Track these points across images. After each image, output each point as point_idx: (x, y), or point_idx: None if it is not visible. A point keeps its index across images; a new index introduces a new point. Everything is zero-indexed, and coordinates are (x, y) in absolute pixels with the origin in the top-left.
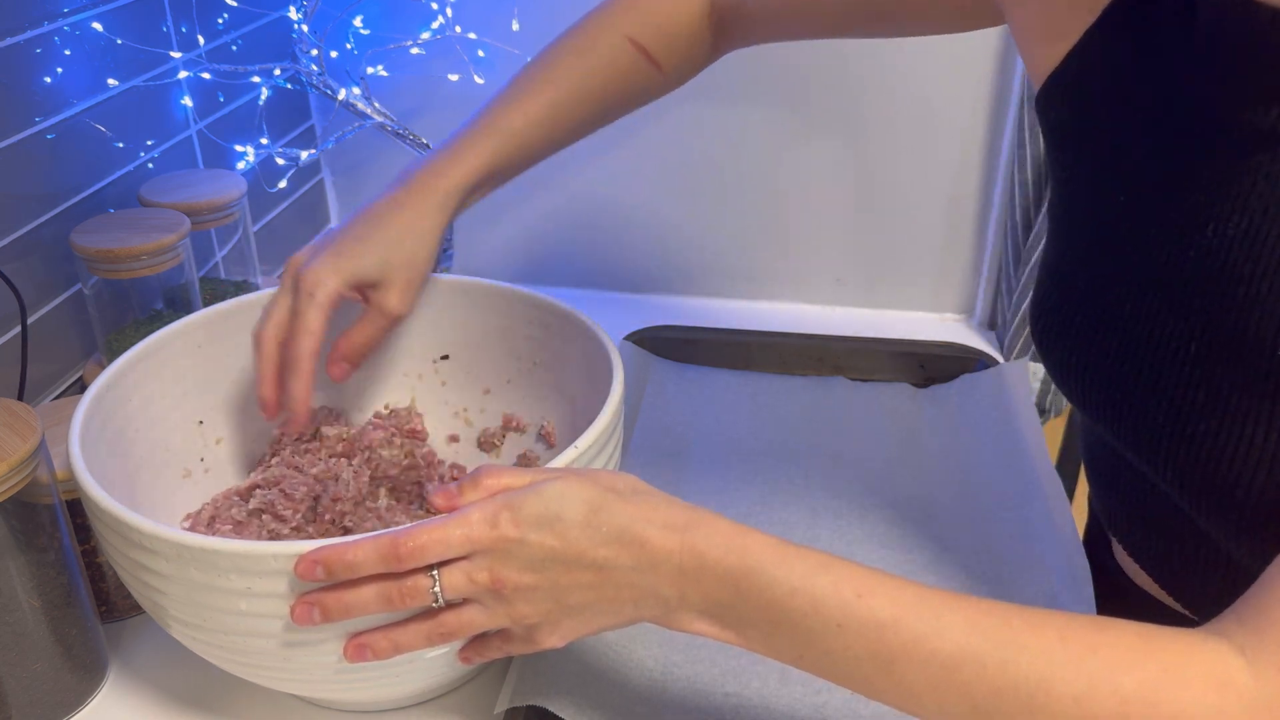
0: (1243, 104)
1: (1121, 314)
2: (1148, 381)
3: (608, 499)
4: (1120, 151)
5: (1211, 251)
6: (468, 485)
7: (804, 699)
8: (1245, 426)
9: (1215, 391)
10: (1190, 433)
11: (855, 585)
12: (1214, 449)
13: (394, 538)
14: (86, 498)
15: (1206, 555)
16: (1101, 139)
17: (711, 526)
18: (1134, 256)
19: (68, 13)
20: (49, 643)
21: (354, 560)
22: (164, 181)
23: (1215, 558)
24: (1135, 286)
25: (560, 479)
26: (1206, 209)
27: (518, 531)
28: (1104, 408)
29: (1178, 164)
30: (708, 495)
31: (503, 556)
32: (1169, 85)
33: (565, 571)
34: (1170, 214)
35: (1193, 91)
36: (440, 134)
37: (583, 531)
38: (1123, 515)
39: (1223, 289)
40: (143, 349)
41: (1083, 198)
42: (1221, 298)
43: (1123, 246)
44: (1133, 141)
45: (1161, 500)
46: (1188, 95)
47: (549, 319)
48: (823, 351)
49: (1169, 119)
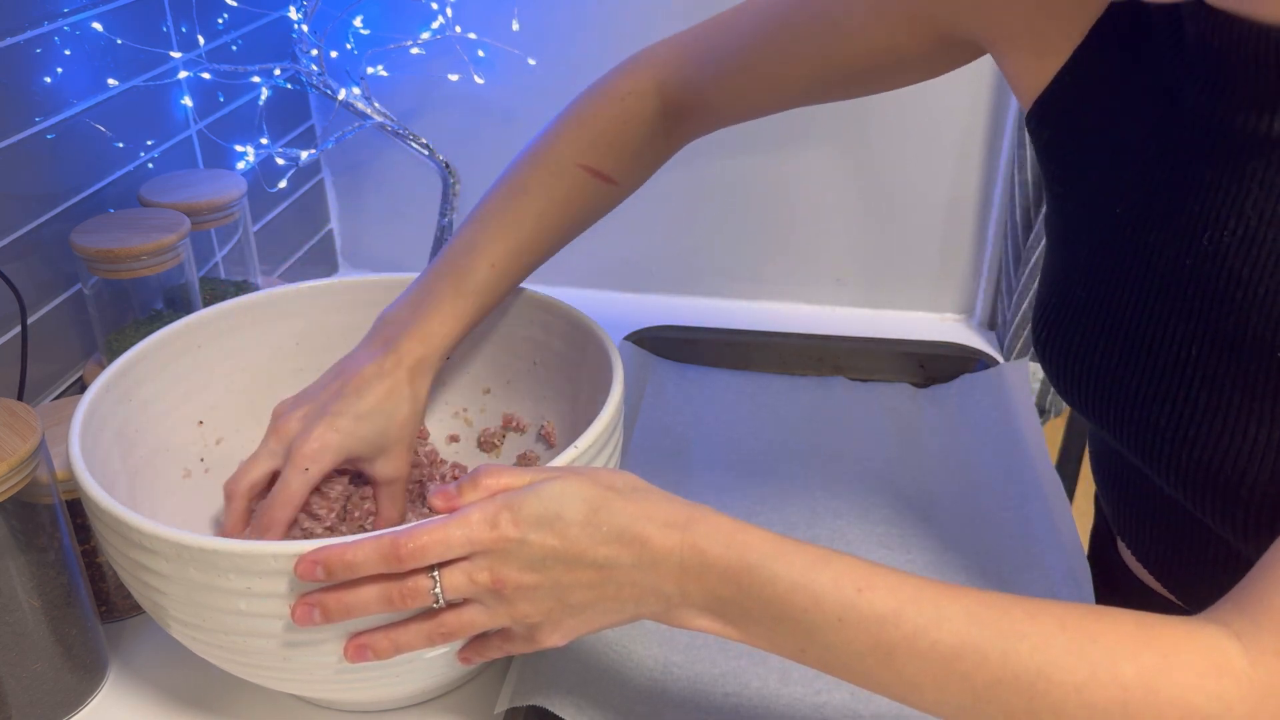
0: (1235, 112)
1: (1122, 321)
2: (1150, 386)
3: (608, 497)
4: (1116, 163)
5: (1209, 257)
6: (467, 486)
7: (804, 699)
8: (1248, 426)
9: (1217, 393)
10: (1193, 435)
11: (855, 579)
12: (1216, 450)
13: (394, 538)
14: (86, 498)
15: (1212, 556)
16: (1097, 152)
17: (712, 523)
18: (1133, 264)
19: (68, 13)
20: (49, 643)
21: (354, 560)
22: (164, 181)
23: (1221, 559)
24: (1135, 294)
25: (559, 478)
26: (1203, 216)
27: (518, 531)
28: (1107, 414)
29: (1174, 173)
30: (708, 495)
31: (503, 556)
32: (1162, 96)
33: (566, 570)
34: (1168, 222)
35: (1185, 101)
36: (440, 134)
37: (583, 530)
38: (1129, 517)
39: (1222, 293)
40: (143, 349)
41: (1080, 211)
42: (1221, 302)
43: (1121, 256)
44: (1128, 153)
45: (1167, 502)
46: (1181, 105)
47: (549, 319)
48: (823, 351)
49: (1163, 129)
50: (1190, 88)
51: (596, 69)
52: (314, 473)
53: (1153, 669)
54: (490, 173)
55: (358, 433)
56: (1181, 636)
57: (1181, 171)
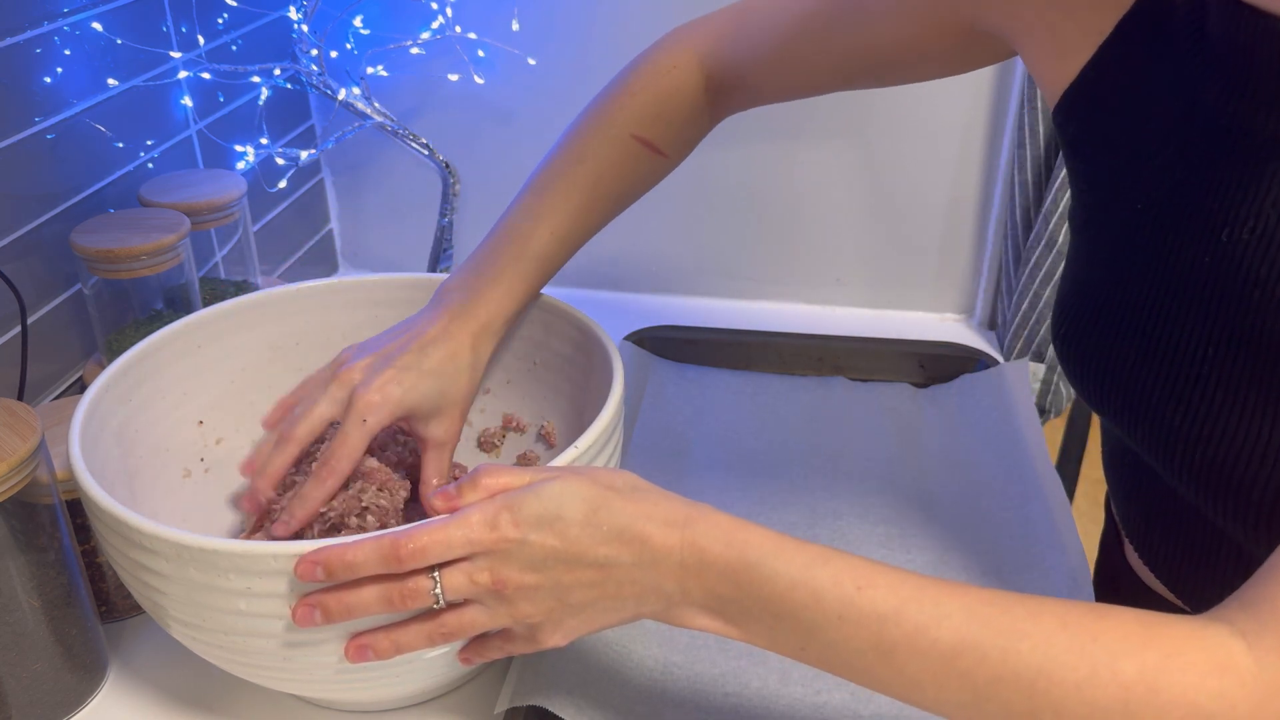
0: (1256, 110)
1: (1140, 319)
2: (1165, 384)
3: (607, 497)
4: (1138, 160)
5: (1227, 255)
6: (467, 486)
7: (804, 699)
8: (1261, 426)
9: (1231, 393)
10: (1207, 434)
11: (855, 577)
12: (1230, 449)
13: (394, 539)
14: (86, 498)
15: (1222, 561)
16: (1120, 149)
17: (711, 521)
18: (1152, 262)
19: (68, 13)
20: (49, 643)
21: (354, 561)
22: (164, 181)
23: (1231, 563)
24: (1154, 291)
25: (559, 478)
26: (1222, 214)
27: (518, 532)
28: (1123, 412)
29: (1193, 171)
30: (708, 495)
31: (504, 557)
32: (1184, 94)
33: (567, 570)
34: (1187, 220)
35: (1207, 100)
36: (440, 134)
37: (583, 530)
38: (1139, 520)
39: (1239, 292)
40: (143, 349)
41: (1101, 207)
42: (1238, 300)
43: (1141, 253)
44: (1150, 150)
45: (1178, 505)
46: (1202, 103)
47: (549, 319)
48: (823, 351)
49: (1185, 127)
50: (1212, 86)
51: (596, 69)
52: (372, 424)
53: (1155, 667)
54: (490, 173)
55: (419, 388)
56: (1185, 635)
57: (1201, 170)
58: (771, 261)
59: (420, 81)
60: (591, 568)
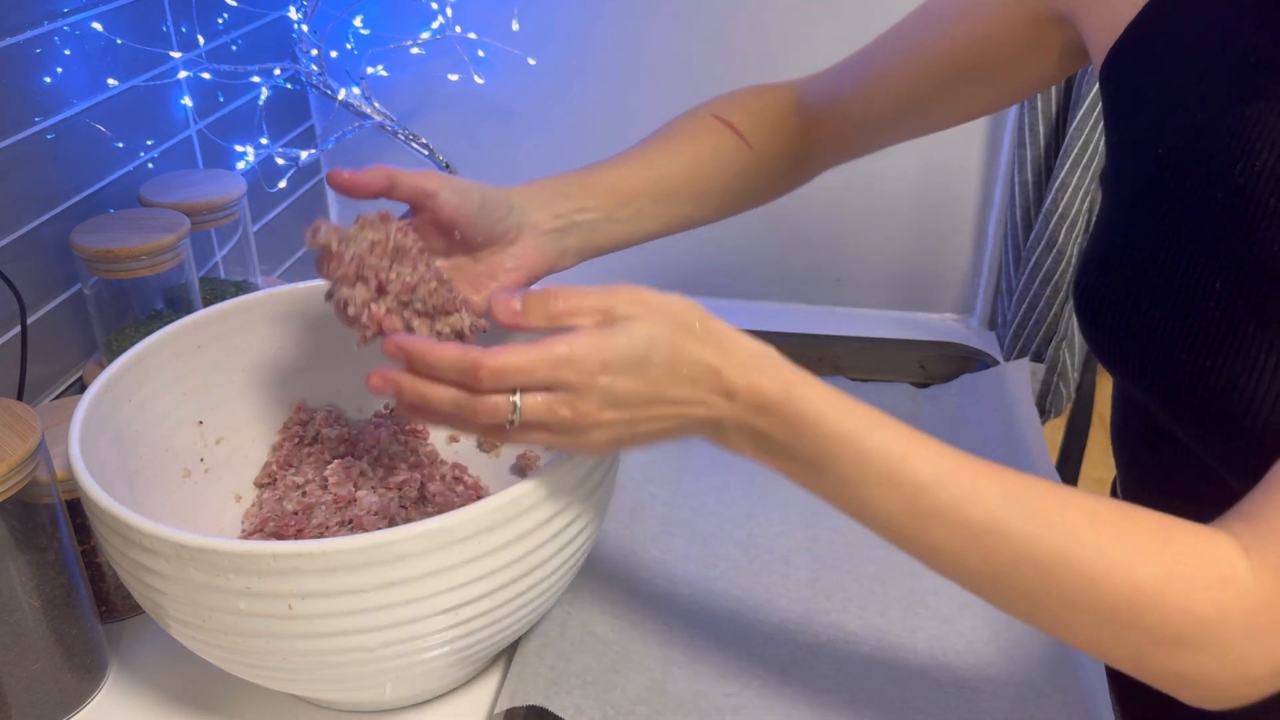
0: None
1: (1154, 264)
2: (1175, 322)
3: (688, 342)
4: (1165, 109)
5: (1239, 189)
6: (534, 304)
7: (804, 699)
8: (1258, 356)
9: (1233, 325)
10: (1208, 366)
11: (901, 446)
12: (1228, 380)
13: (477, 360)
14: (86, 498)
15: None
16: (1150, 100)
17: (774, 373)
18: (1170, 209)
19: (68, 13)
20: (49, 643)
21: (434, 361)
22: (164, 181)
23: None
24: (1169, 232)
25: (643, 319)
26: (1237, 149)
27: (608, 376)
28: (1132, 359)
29: (1215, 114)
30: (708, 494)
31: (587, 394)
32: (1215, 43)
33: (645, 408)
34: (1205, 161)
35: (1239, 37)
36: (440, 134)
37: (665, 372)
38: (1144, 490)
39: (1248, 224)
40: (143, 349)
41: (1126, 159)
42: (1247, 233)
43: (1160, 201)
44: (1178, 97)
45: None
46: (1233, 43)
47: None
48: (823, 351)
49: (1211, 74)
50: (1245, 23)
51: (596, 69)
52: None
53: (1166, 574)
54: (490, 173)
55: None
56: (1195, 544)
57: (1223, 112)
58: (772, 261)
59: (420, 81)
60: (666, 404)
